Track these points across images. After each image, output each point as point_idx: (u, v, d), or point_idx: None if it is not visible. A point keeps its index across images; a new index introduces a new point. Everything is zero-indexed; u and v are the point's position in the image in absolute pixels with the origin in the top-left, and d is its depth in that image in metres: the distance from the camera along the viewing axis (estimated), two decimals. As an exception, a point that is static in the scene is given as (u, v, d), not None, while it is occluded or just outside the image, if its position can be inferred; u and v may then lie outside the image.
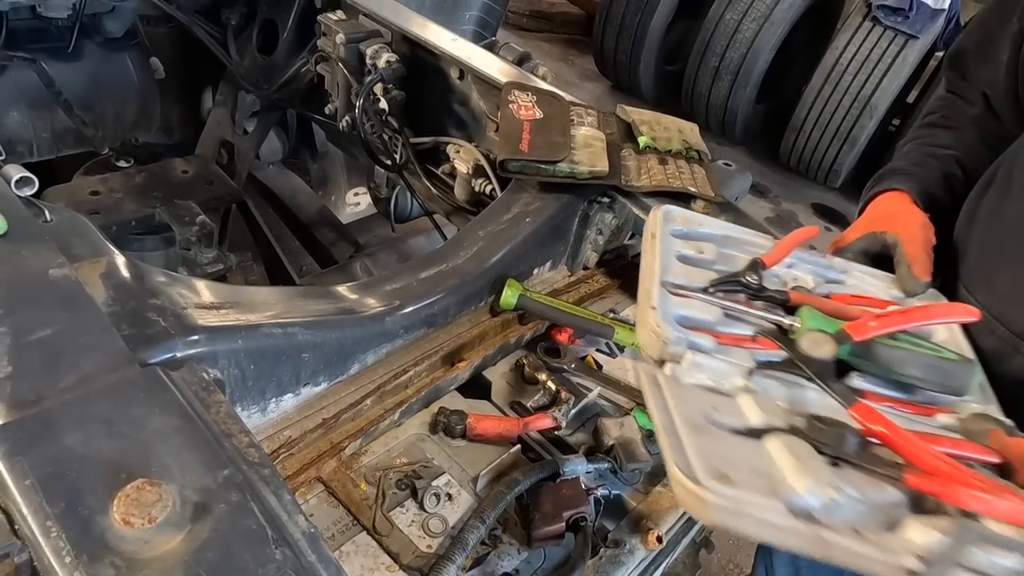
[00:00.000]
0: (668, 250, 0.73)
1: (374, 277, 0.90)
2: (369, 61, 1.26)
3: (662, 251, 0.73)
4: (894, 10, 3.21)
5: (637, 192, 0.99)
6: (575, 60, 4.62)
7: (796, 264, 0.76)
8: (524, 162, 0.96)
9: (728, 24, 3.58)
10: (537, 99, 1.06)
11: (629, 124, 1.10)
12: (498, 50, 1.40)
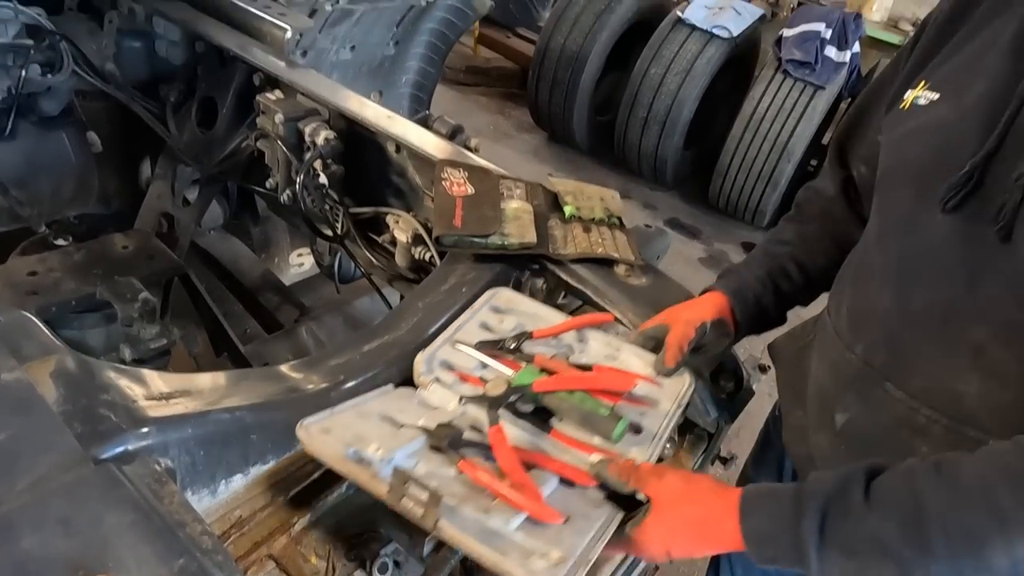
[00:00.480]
0: (475, 317, 0.96)
1: (318, 353, 0.95)
2: (308, 138, 1.33)
3: (468, 317, 0.95)
4: (801, 64, 3.48)
5: (564, 259, 1.07)
6: (512, 112, 4.78)
7: (587, 339, 0.95)
8: (458, 237, 1.03)
9: (653, 78, 3.80)
10: (469, 175, 1.14)
11: (555, 195, 1.18)
12: (432, 123, 1.48)
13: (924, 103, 0.76)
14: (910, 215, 0.75)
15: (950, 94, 0.74)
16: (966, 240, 0.69)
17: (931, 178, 0.71)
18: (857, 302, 0.82)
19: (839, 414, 0.80)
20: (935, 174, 0.71)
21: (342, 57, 2.27)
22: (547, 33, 4.05)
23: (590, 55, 3.91)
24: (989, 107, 0.68)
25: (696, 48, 3.71)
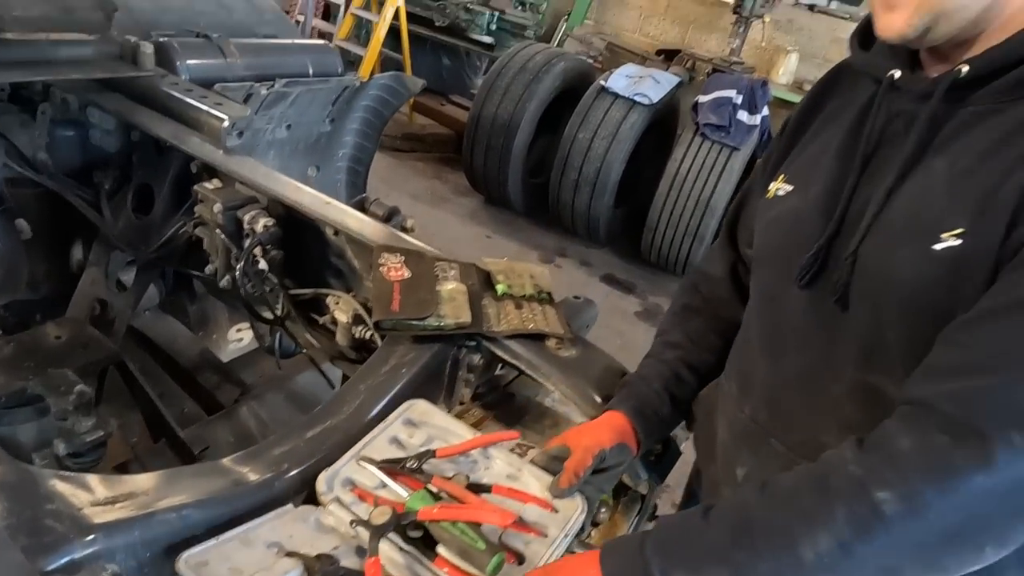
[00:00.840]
0: (387, 431, 0.96)
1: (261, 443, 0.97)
2: (247, 226, 1.37)
3: (379, 431, 0.95)
4: (717, 127, 3.74)
5: (498, 336, 1.13)
6: (448, 177, 4.91)
7: (491, 456, 0.96)
8: (396, 321, 1.09)
9: (582, 142, 4.00)
10: (405, 259, 1.20)
11: (488, 274, 1.25)
12: (368, 205, 1.54)
13: (782, 194, 0.89)
14: (776, 291, 0.86)
15: (800, 187, 0.87)
16: (818, 312, 0.80)
17: (789, 259, 0.83)
18: (743, 367, 0.92)
19: (739, 468, 0.88)
20: (791, 256, 0.82)
21: (278, 136, 2.32)
22: (479, 102, 4.22)
23: (521, 122, 4.10)
24: (828, 200, 0.81)
25: (620, 114, 3.94)
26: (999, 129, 0.70)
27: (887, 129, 0.79)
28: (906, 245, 0.72)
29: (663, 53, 6.11)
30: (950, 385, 0.65)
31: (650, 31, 6.73)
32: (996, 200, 0.67)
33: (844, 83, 0.92)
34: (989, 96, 0.72)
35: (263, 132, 2.23)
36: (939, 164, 0.73)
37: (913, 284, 0.72)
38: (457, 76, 6.49)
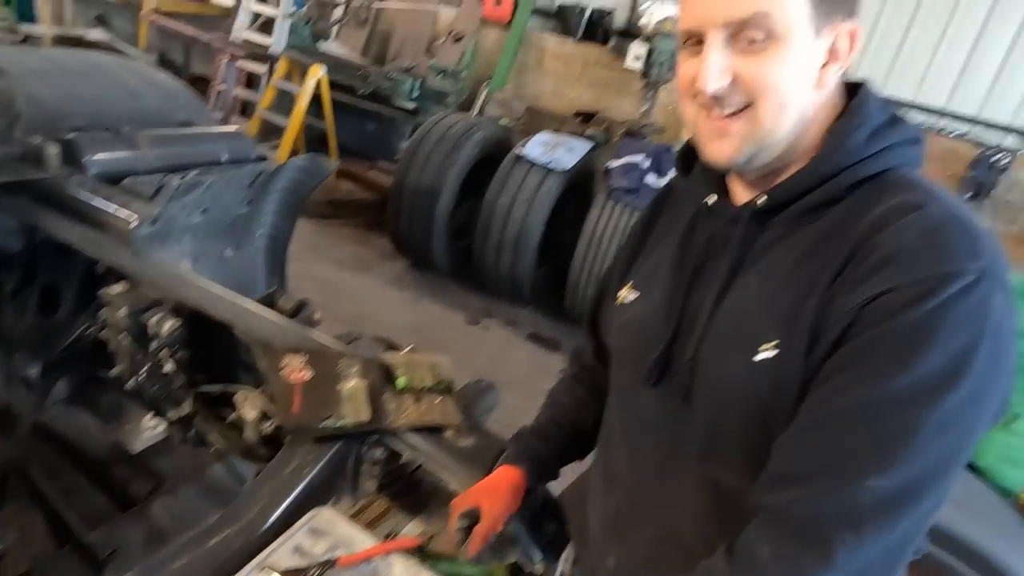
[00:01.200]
0: (291, 540, 0.99)
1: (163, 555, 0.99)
2: (152, 329, 1.40)
3: (284, 539, 0.99)
4: (627, 191, 3.97)
5: (397, 431, 1.20)
6: (374, 242, 4.97)
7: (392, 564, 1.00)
8: (297, 424, 1.14)
9: (502, 207, 4.15)
10: (308, 360, 1.26)
11: (389, 368, 1.32)
12: (277, 299, 1.60)
13: (630, 301, 0.99)
14: (630, 390, 0.95)
15: (644, 295, 0.97)
16: (667, 409, 0.89)
17: (639, 361, 0.92)
18: (607, 459, 1.01)
19: (609, 558, 0.96)
20: (641, 358, 0.92)
21: (193, 220, 2.35)
22: (401, 171, 4.34)
23: (443, 189, 4.22)
24: (667, 307, 0.91)
25: (536, 180, 4.13)
26: (795, 250, 0.81)
27: (708, 246, 0.90)
28: (734, 354, 0.81)
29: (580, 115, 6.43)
30: (793, 492, 0.72)
31: (567, 94, 7.07)
32: (798, 320, 0.76)
33: (673, 200, 1.03)
34: (783, 222, 0.82)
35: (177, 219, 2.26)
36: (752, 280, 0.84)
37: (742, 388, 0.80)
38: (382, 141, 6.63)
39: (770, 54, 0.75)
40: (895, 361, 0.68)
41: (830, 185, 0.79)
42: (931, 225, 0.71)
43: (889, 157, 0.79)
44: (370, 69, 5.94)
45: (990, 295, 0.68)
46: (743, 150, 0.79)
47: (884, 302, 0.69)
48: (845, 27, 0.78)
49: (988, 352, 0.68)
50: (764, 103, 0.76)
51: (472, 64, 6.71)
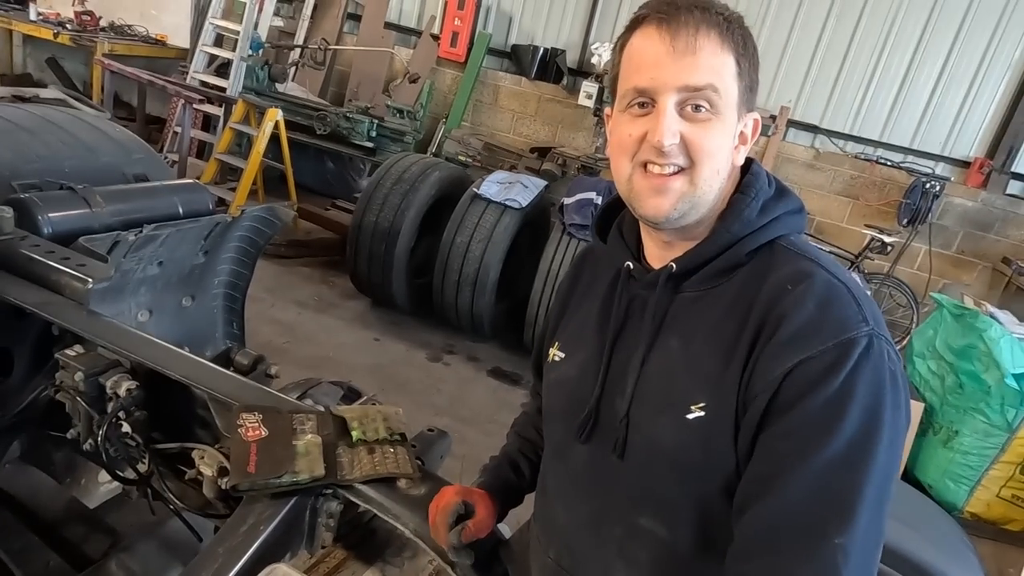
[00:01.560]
0: None
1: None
2: (109, 391, 1.42)
3: None
4: (581, 226, 4.09)
5: (352, 483, 1.25)
6: (336, 281, 4.99)
7: None
8: (253, 482, 1.18)
9: (460, 246, 4.24)
10: (263, 418, 1.30)
11: (344, 421, 1.38)
12: (234, 355, 1.64)
13: (558, 360, 1.06)
14: (563, 445, 1.01)
15: (571, 354, 1.04)
16: (599, 464, 0.95)
17: (570, 418, 0.99)
18: (544, 513, 1.08)
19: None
20: (572, 415, 0.98)
21: (149, 273, 2.37)
22: (359, 212, 4.39)
23: (401, 229, 4.29)
24: (593, 366, 0.98)
25: (493, 218, 4.23)
26: (710, 314, 0.89)
27: (629, 308, 0.97)
28: (665, 414, 0.87)
29: (536, 151, 6.61)
30: (767, 560, 0.77)
31: (523, 131, 7.25)
32: (722, 385, 0.83)
33: (592, 261, 1.11)
34: (694, 285, 0.91)
35: (132, 272, 2.28)
36: (674, 343, 0.90)
37: (674, 446, 0.86)
38: (342, 179, 6.69)
39: (712, 124, 0.85)
40: (825, 431, 0.76)
41: (731, 253, 0.89)
42: (823, 295, 0.82)
43: (779, 226, 0.91)
44: (328, 110, 6.02)
45: (881, 350, 0.80)
46: (678, 207, 0.86)
47: (801, 373, 0.78)
48: (752, 116, 0.91)
49: (891, 400, 0.79)
50: (702, 167, 0.85)
51: (429, 103, 6.85)
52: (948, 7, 6.01)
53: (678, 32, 0.83)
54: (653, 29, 0.84)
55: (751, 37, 0.87)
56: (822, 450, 0.76)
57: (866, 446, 0.76)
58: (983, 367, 3.43)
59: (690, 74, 0.83)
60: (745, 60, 0.86)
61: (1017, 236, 6.12)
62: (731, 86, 0.85)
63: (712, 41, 0.83)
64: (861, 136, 6.42)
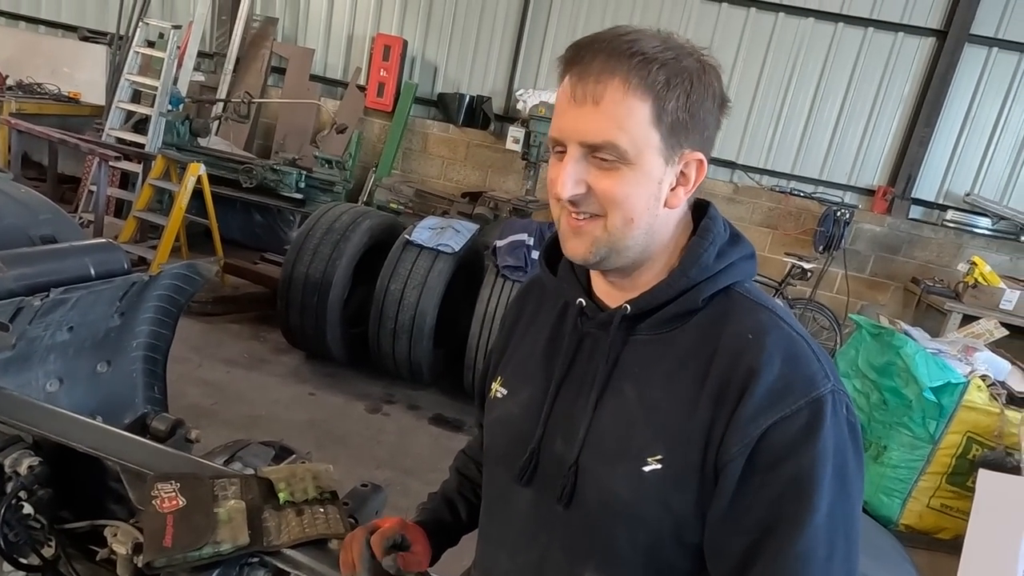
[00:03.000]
0: None
1: None
2: (9, 469, 1.31)
3: None
4: (514, 268, 4.12)
5: (279, 548, 1.18)
6: (267, 336, 4.84)
7: None
8: (170, 557, 1.10)
9: (394, 293, 4.19)
10: (180, 486, 1.23)
11: (270, 482, 1.31)
12: (151, 421, 1.55)
13: (501, 396, 1.01)
14: (504, 489, 0.98)
15: (513, 391, 1.00)
16: (541, 510, 0.92)
17: (511, 460, 0.95)
18: (485, 559, 1.04)
19: None
20: (513, 457, 0.95)
21: (59, 339, 2.23)
22: (289, 264, 4.30)
23: (333, 280, 4.22)
24: (537, 406, 0.94)
25: (427, 264, 4.22)
26: (666, 360, 0.86)
27: (580, 346, 0.93)
28: (621, 464, 0.84)
29: (468, 195, 6.67)
30: None
31: (454, 176, 7.33)
32: (684, 438, 0.82)
33: (538, 293, 1.07)
34: (648, 328, 0.89)
35: (40, 339, 2.14)
36: (629, 390, 0.87)
37: (629, 497, 0.84)
38: (271, 232, 6.55)
39: (620, 174, 0.81)
40: (808, 504, 0.77)
41: (688, 297, 0.87)
42: (788, 350, 0.82)
43: (734, 272, 0.89)
44: (254, 163, 5.93)
45: (842, 405, 0.82)
46: (594, 251, 0.85)
47: (777, 433, 0.79)
48: (694, 156, 0.84)
49: (853, 453, 0.81)
50: (613, 215, 0.83)
51: (358, 153, 6.84)
52: (842, 49, 6.49)
53: (580, 80, 0.80)
54: (565, 76, 0.82)
55: (688, 72, 0.80)
56: (804, 528, 0.77)
57: (840, 507, 0.79)
58: (903, 382, 3.60)
59: (587, 128, 0.80)
60: (670, 100, 0.79)
61: (923, 257, 6.53)
62: (643, 133, 0.80)
63: (615, 88, 0.78)
64: (775, 170, 6.78)
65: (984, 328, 4.42)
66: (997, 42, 6.21)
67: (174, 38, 6.17)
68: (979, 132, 6.43)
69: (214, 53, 7.52)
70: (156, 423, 1.54)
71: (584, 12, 6.85)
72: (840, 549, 0.78)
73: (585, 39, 0.82)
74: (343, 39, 7.49)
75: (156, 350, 2.67)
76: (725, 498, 0.80)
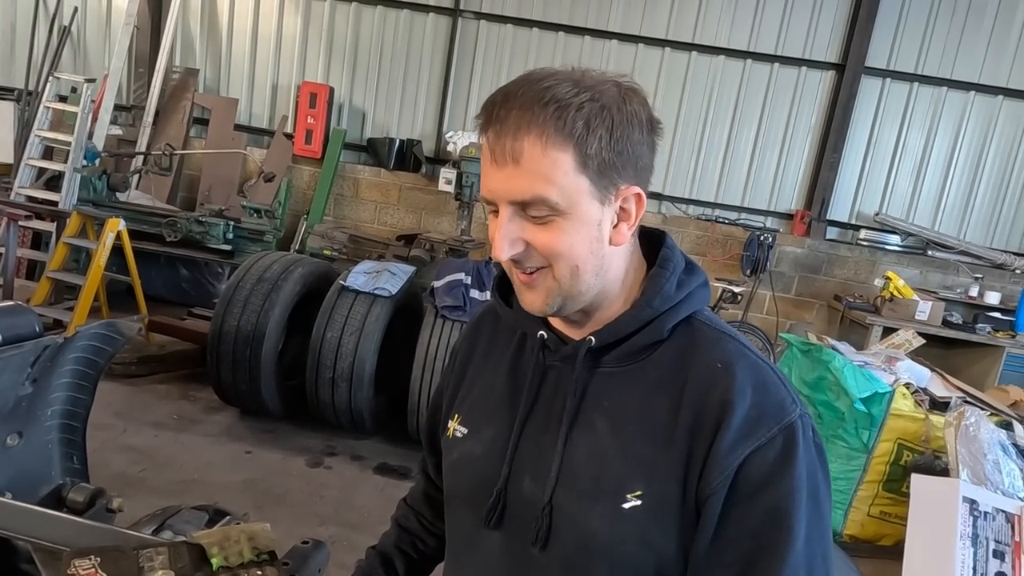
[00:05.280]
0: None
1: None
2: (-99, 560, 1.19)
3: None
4: (453, 308, 4.10)
5: (214, 620, 1.10)
6: (197, 395, 4.62)
7: None
8: (89, 641, 1.01)
9: (331, 341, 4.09)
10: (101, 561, 1.13)
11: (201, 548, 1.23)
12: (67, 493, 1.44)
13: (460, 436, 0.96)
14: (471, 533, 0.92)
15: (473, 430, 0.95)
16: (513, 553, 0.88)
17: (477, 502, 0.90)
18: None
19: None
20: (478, 499, 0.90)
21: (-38, 413, 2.07)
22: (218, 318, 4.14)
23: (266, 331, 4.08)
24: (500, 444, 0.90)
25: (364, 309, 4.14)
26: (635, 393, 0.85)
27: (544, 380, 0.90)
28: (599, 502, 0.82)
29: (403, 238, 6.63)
30: None
31: (387, 220, 7.30)
32: (663, 472, 0.81)
33: (491, 325, 1.02)
34: (614, 360, 0.87)
35: (-61, 414, 1.97)
36: (600, 425, 0.85)
37: (609, 536, 0.81)
38: (198, 286, 6.33)
39: (557, 226, 0.79)
40: (787, 533, 0.77)
41: (653, 328, 0.85)
42: (757, 379, 0.82)
43: (693, 301, 0.88)
44: (178, 215, 5.74)
45: (809, 424, 0.83)
46: (550, 302, 0.84)
47: (755, 463, 0.79)
48: (631, 191, 0.82)
49: (823, 472, 0.82)
50: (558, 266, 0.81)
51: (288, 200, 6.74)
52: (753, 83, 6.88)
53: (498, 140, 0.77)
54: (483, 135, 0.80)
55: (607, 109, 0.77)
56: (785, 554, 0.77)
57: (815, 530, 0.80)
58: (835, 396, 3.73)
59: (513, 188, 0.78)
60: (592, 143, 0.77)
61: (842, 275, 6.88)
62: (571, 182, 0.77)
63: (532, 144, 0.76)
64: (699, 199, 7.06)
65: (903, 338, 4.65)
66: (890, 73, 6.72)
67: (88, 92, 5.97)
68: (882, 156, 6.90)
69: (132, 106, 7.31)
70: (73, 494, 1.43)
71: (508, 55, 7.04)
72: (819, 570, 0.79)
73: (498, 93, 0.79)
74: (267, 88, 7.42)
75: (74, 417, 2.50)
76: (708, 532, 0.79)
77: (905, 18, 6.60)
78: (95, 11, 7.38)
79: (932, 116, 6.78)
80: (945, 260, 6.80)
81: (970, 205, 6.90)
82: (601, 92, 0.78)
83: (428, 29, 7.14)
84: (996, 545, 2.72)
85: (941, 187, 6.90)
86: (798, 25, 6.71)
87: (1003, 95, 6.67)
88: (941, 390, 3.94)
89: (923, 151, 6.86)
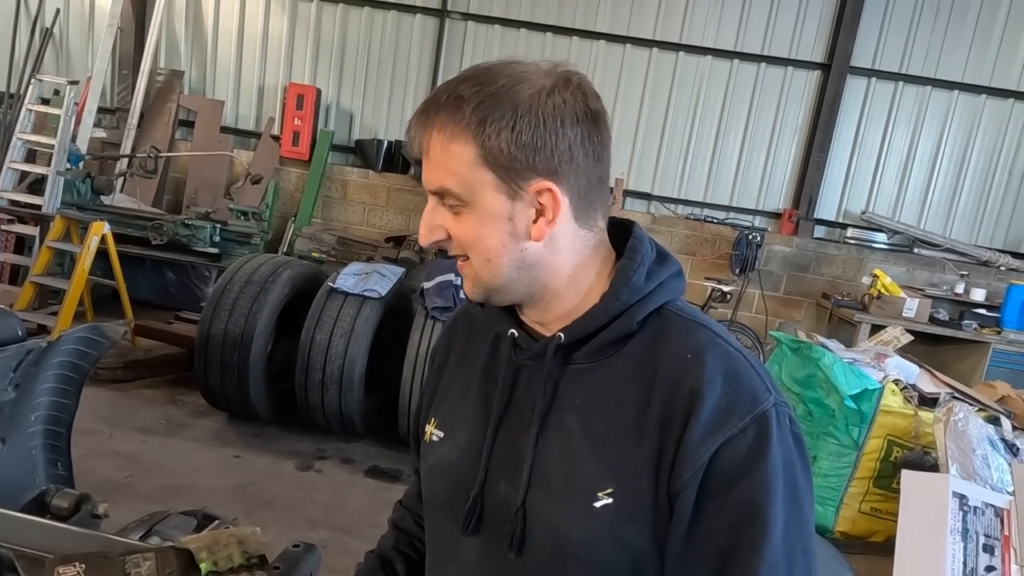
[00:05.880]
0: None
1: None
2: None
3: None
4: (444, 308, 4.08)
5: (203, 626, 1.08)
6: (185, 399, 4.57)
7: None
8: (74, 649, 0.98)
9: (320, 343, 4.05)
10: (87, 567, 1.11)
11: (190, 553, 1.20)
12: (51, 499, 1.41)
13: (437, 440, 0.95)
14: (449, 539, 0.91)
15: (449, 434, 0.94)
16: (491, 558, 0.86)
17: (454, 508, 0.89)
18: None
19: None
20: (455, 504, 0.88)
21: (-57, 419, 2.03)
22: (206, 321, 4.10)
23: (255, 334, 4.04)
24: (475, 447, 0.89)
25: (353, 311, 4.11)
26: (606, 389, 0.83)
27: (516, 379, 0.89)
28: (571, 503, 0.81)
29: (392, 240, 6.61)
30: None
31: (376, 222, 7.26)
32: (634, 468, 0.79)
33: (466, 326, 1.01)
34: (585, 356, 0.85)
35: (-80, 421, 1.93)
36: (572, 423, 0.83)
37: (581, 537, 0.80)
38: (185, 289, 6.27)
39: (465, 217, 0.82)
40: (764, 527, 0.75)
41: (622, 321, 0.84)
42: (729, 367, 0.80)
43: (665, 292, 0.87)
44: (163, 219, 5.69)
45: (785, 417, 0.81)
46: (475, 291, 0.86)
47: (727, 455, 0.77)
48: (542, 185, 0.80)
49: (802, 463, 0.80)
50: (473, 257, 0.83)
51: (275, 203, 6.70)
52: (740, 83, 6.92)
53: (417, 135, 0.82)
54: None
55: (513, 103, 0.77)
56: (763, 549, 0.76)
57: (794, 526, 0.78)
58: (825, 393, 3.75)
59: (428, 178, 0.83)
60: (490, 137, 0.77)
61: (830, 273, 6.92)
62: (471, 174, 0.79)
63: (435, 139, 0.80)
64: (688, 199, 7.08)
65: (891, 335, 4.68)
66: (875, 72, 6.77)
67: (71, 94, 5.90)
68: (868, 154, 6.95)
69: (116, 108, 7.24)
70: (57, 500, 1.40)
71: (495, 55, 6.92)
72: (800, 566, 0.78)
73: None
74: (254, 90, 7.37)
75: (58, 422, 2.46)
76: (682, 528, 0.78)
77: (889, 18, 6.66)
78: (78, 12, 7.30)
79: (917, 115, 6.84)
80: (931, 258, 6.86)
81: (955, 203, 6.97)
82: (514, 86, 0.78)
83: (415, 30, 7.12)
84: (986, 539, 2.74)
85: (926, 185, 6.96)
86: (784, 25, 6.76)
87: (986, 94, 6.74)
88: (930, 386, 3.97)
89: (908, 150, 6.92)
